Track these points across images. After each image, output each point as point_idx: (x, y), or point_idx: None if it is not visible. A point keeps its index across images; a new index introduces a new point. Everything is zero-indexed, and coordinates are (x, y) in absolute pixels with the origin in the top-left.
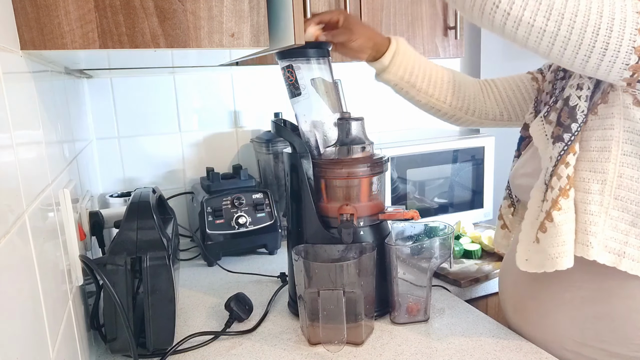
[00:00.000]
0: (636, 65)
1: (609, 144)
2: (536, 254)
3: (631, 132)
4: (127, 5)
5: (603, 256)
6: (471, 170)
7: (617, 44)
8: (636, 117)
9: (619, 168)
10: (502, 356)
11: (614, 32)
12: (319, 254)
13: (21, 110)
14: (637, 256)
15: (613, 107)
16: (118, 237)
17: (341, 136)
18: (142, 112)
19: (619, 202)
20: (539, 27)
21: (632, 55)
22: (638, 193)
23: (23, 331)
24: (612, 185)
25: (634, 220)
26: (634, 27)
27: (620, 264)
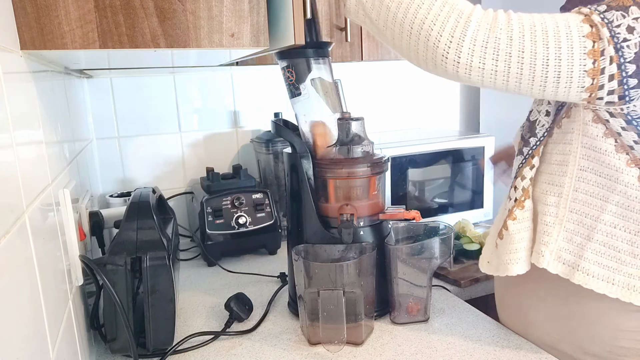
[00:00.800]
0: (591, 86)
1: (567, 159)
2: (495, 258)
3: (588, 148)
4: (127, 5)
5: (555, 266)
6: (471, 170)
7: (568, 71)
8: (594, 133)
9: (575, 182)
10: (502, 356)
11: (562, 61)
12: (319, 254)
13: (21, 110)
14: (592, 270)
15: (574, 123)
16: (118, 237)
17: (341, 136)
18: (142, 112)
19: (574, 215)
20: (490, 69)
21: (586, 78)
22: (593, 207)
23: (23, 331)
24: (567, 199)
25: (589, 235)
26: (582, 52)
27: (573, 276)
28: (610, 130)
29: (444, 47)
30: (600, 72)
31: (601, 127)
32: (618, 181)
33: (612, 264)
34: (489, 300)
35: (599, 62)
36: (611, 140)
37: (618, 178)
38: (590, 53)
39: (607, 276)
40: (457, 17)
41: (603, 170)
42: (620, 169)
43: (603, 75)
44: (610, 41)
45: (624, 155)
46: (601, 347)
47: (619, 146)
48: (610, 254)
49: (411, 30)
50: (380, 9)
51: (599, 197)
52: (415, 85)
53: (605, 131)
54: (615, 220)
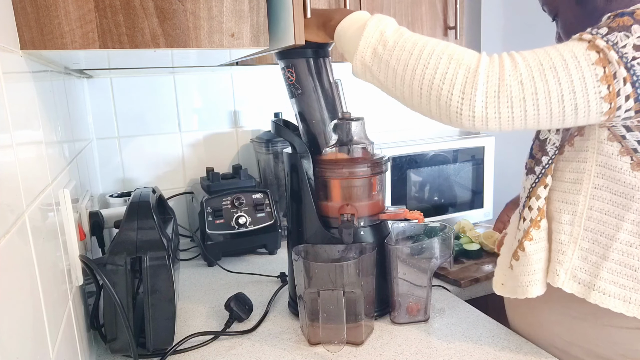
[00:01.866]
0: (610, 110)
1: (581, 177)
2: (510, 280)
3: (603, 166)
4: (127, 5)
5: (570, 286)
6: (471, 170)
7: (584, 101)
8: (609, 152)
9: (590, 201)
10: (502, 356)
11: (577, 93)
12: (319, 254)
13: (21, 110)
14: (608, 289)
15: (588, 141)
16: (118, 237)
17: (341, 136)
18: (142, 112)
19: (589, 234)
20: (507, 117)
21: (603, 104)
22: (607, 226)
23: (23, 331)
24: (582, 217)
25: (604, 254)
26: (594, 79)
27: (589, 296)
28: (626, 148)
29: (457, 104)
30: (616, 95)
31: (617, 145)
32: (634, 199)
33: (629, 283)
34: (489, 300)
35: (613, 85)
36: (627, 159)
37: (634, 196)
38: (602, 79)
39: (623, 295)
40: (465, 73)
41: (619, 188)
42: (636, 187)
43: (619, 97)
44: (620, 62)
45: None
46: (614, 350)
47: (635, 164)
48: (627, 273)
49: (421, 91)
50: (387, 72)
51: (615, 216)
52: None
53: (621, 149)
54: (632, 239)
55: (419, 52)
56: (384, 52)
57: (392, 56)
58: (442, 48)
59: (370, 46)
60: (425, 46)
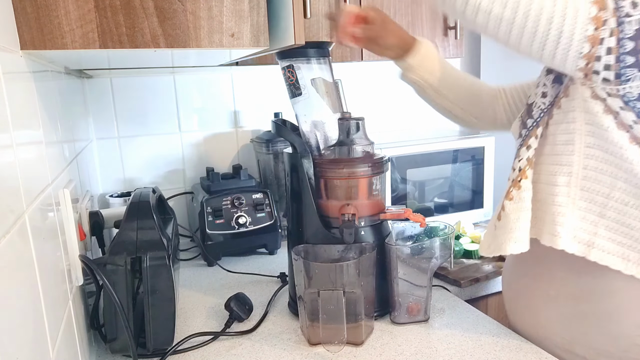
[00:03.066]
0: (589, 54)
1: (572, 137)
2: (493, 239)
3: (592, 124)
4: (127, 5)
5: (572, 246)
6: (471, 170)
7: (570, 31)
8: (594, 109)
9: (584, 160)
10: (502, 356)
11: (567, 20)
12: (319, 254)
13: (21, 110)
14: (607, 247)
15: (574, 101)
16: (118, 237)
17: (341, 136)
18: (142, 112)
19: (586, 194)
20: (497, 14)
21: (585, 43)
22: (603, 184)
23: (23, 331)
24: (577, 177)
25: (601, 212)
26: (586, 16)
27: (590, 254)
28: (609, 108)
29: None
30: (599, 42)
31: (600, 104)
32: (623, 158)
33: (626, 240)
34: (489, 300)
35: (600, 30)
36: (611, 118)
37: (622, 155)
38: (594, 19)
39: (621, 253)
40: None
41: (608, 146)
42: (623, 147)
43: (601, 46)
44: (614, 13)
45: (625, 133)
46: (616, 347)
47: (619, 123)
48: (624, 231)
49: None
50: None
51: (608, 174)
52: None
53: (604, 108)
54: (626, 198)
55: None
56: None
57: None
58: None
59: None
60: None
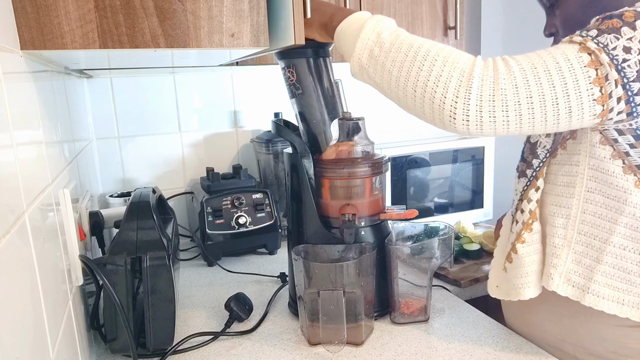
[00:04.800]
0: (602, 112)
1: (574, 180)
2: (504, 282)
3: (596, 169)
4: (127, 5)
5: (565, 289)
6: (471, 170)
7: (578, 104)
8: (601, 155)
9: (583, 204)
10: (502, 356)
11: (571, 96)
12: (319, 254)
13: (21, 110)
14: (602, 292)
15: (580, 145)
16: (118, 237)
17: (342, 136)
18: (142, 112)
19: (583, 237)
20: (502, 120)
21: (596, 106)
22: (601, 229)
23: (23, 331)
24: (575, 221)
25: (598, 257)
26: (587, 82)
27: (584, 299)
28: (617, 152)
29: (450, 107)
30: (608, 97)
31: (609, 148)
32: (627, 203)
33: (622, 285)
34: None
35: (605, 88)
36: (619, 162)
37: (627, 200)
38: (595, 81)
39: (617, 297)
40: (459, 76)
41: (611, 192)
42: (628, 190)
43: (611, 99)
44: (611, 65)
45: (632, 176)
46: (605, 347)
47: (627, 167)
48: (621, 276)
49: (415, 94)
50: (382, 74)
51: (608, 219)
52: None
53: (613, 152)
54: (625, 242)
55: (414, 54)
56: (380, 53)
57: (388, 58)
58: (437, 50)
59: (367, 48)
60: (420, 48)
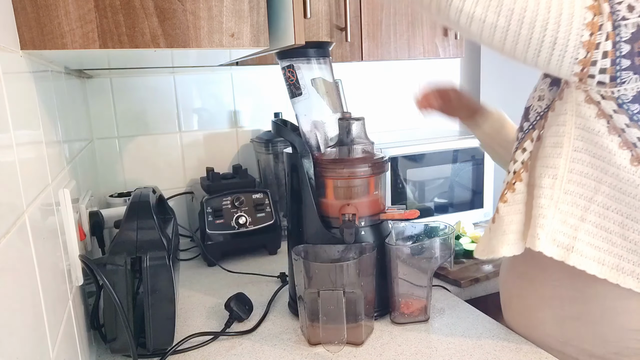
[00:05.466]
0: (585, 59)
1: (561, 140)
2: (487, 242)
3: (582, 128)
4: (127, 5)
5: (550, 249)
6: (471, 170)
7: (565, 38)
8: (587, 114)
9: (570, 164)
10: (502, 356)
11: (561, 27)
12: (319, 254)
13: (21, 110)
14: (586, 252)
15: (566, 104)
16: (118, 237)
17: (342, 136)
18: (142, 112)
19: (569, 197)
20: (491, 22)
21: (581, 49)
22: (587, 188)
23: (23, 331)
24: (562, 180)
25: (583, 216)
26: (581, 22)
27: (569, 258)
28: (602, 112)
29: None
30: (595, 47)
31: (593, 107)
32: (610, 163)
33: (604, 245)
34: (489, 300)
35: (595, 35)
36: (603, 122)
37: (611, 160)
38: (589, 25)
39: (598, 257)
40: None
41: (596, 151)
42: (612, 151)
43: (597, 50)
44: (610, 17)
45: (616, 137)
46: (607, 349)
47: (611, 127)
48: (602, 235)
49: None
50: None
51: (593, 178)
52: (415, 85)
53: (598, 112)
54: (608, 202)
55: None
56: None
57: None
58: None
59: None
60: None
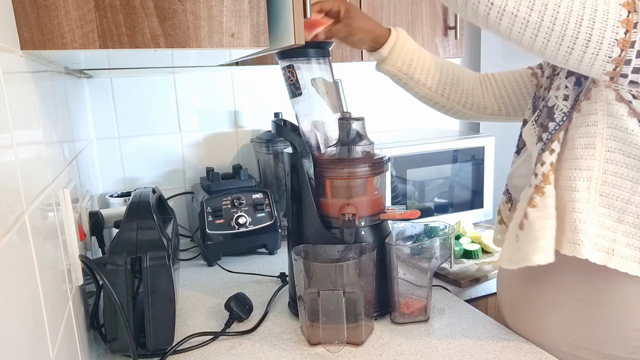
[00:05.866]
0: (619, 57)
1: (593, 141)
2: (516, 251)
3: (614, 128)
4: (127, 5)
5: (594, 254)
6: (471, 170)
7: (600, 35)
8: (619, 112)
9: (604, 165)
10: (502, 356)
11: (596, 24)
12: (319, 254)
13: (21, 110)
14: (626, 253)
15: (596, 104)
16: (118, 237)
17: (342, 136)
18: (142, 112)
19: (605, 199)
20: (523, 17)
21: (615, 47)
22: (623, 189)
23: (23, 331)
24: (597, 182)
25: (620, 217)
26: (616, 19)
27: (610, 261)
28: (634, 111)
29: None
30: (630, 45)
31: (625, 106)
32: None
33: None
34: (489, 300)
35: (630, 33)
36: (635, 120)
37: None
38: (624, 22)
39: (638, 257)
40: None
41: (631, 150)
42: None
43: (632, 49)
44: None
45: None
46: (623, 349)
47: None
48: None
49: None
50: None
51: (629, 179)
52: None
53: (629, 111)
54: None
55: None
56: None
57: None
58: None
59: None
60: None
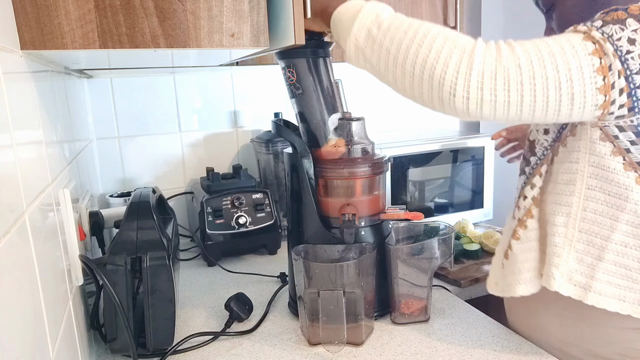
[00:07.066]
0: (604, 103)
1: (574, 177)
2: (501, 278)
3: (596, 167)
4: (127, 5)
5: (567, 288)
6: (471, 170)
7: (581, 90)
8: (601, 152)
9: (583, 202)
10: (502, 356)
11: (575, 82)
12: (319, 254)
13: (21, 110)
14: (605, 291)
15: (580, 141)
16: (118, 237)
17: (342, 136)
18: (142, 112)
19: (584, 235)
20: (502, 100)
21: (599, 95)
22: (602, 226)
23: (23, 331)
24: (576, 219)
25: (600, 254)
26: (591, 69)
27: (586, 297)
28: (618, 148)
29: (450, 83)
30: (611, 87)
31: (609, 145)
32: (628, 199)
33: (624, 282)
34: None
35: (608, 77)
36: (619, 159)
37: (628, 196)
38: (599, 70)
39: (618, 294)
40: (461, 53)
41: (612, 189)
42: (629, 187)
43: (614, 89)
44: (615, 55)
45: (632, 173)
46: (612, 349)
47: (627, 164)
48: (622, 273)
49: (413, 71)
50: (380, 53)
51: (609, 217)
52: None
53: (613, 149)
54: (626, 239)
55: (414, 32)
56: (378, 33)
57: (386, 37)
58: (438, 30)
59: (365, 28)
60: (420, 27)
